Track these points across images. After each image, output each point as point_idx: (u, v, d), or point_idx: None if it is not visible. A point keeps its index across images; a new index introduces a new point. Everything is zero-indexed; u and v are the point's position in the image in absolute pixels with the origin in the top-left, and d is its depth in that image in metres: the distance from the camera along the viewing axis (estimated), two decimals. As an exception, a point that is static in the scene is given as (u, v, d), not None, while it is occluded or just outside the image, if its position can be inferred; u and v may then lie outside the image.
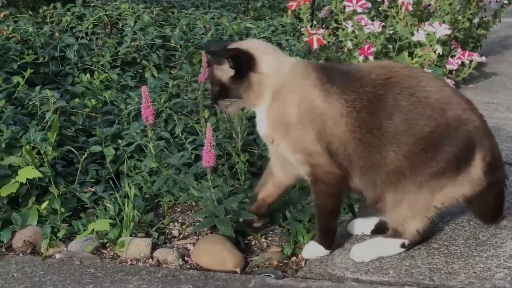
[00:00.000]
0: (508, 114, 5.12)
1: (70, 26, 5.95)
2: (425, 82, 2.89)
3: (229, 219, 3.10)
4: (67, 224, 3.31)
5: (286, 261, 3.07)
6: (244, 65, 2.88)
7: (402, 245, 2.92)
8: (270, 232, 3.31)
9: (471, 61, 5.93)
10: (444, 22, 5.87)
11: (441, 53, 5.71)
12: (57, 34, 5.65)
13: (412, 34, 5.84)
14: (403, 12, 6.11)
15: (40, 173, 3.39)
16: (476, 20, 7.02)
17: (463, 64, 5.92)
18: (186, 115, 4.28)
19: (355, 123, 2.82)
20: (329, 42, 6.16)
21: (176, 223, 3.40)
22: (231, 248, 3.04)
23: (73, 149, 3.79)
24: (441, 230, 3.11)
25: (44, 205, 3.33)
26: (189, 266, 3.02)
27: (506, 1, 7.01)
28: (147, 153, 3.61)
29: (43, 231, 3.20)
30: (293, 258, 3.09)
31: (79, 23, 6.01)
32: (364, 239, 3.03)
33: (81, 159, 3.66)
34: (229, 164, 3.77)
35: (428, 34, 5.69)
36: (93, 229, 3.17)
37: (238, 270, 2.97)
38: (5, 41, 5.11)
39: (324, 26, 6.67)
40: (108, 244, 3.19)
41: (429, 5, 6.47)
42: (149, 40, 5.61)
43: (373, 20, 5.94)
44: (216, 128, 3.95)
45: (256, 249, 3.19)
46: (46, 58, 5.05)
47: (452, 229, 3.12)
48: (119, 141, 3.94)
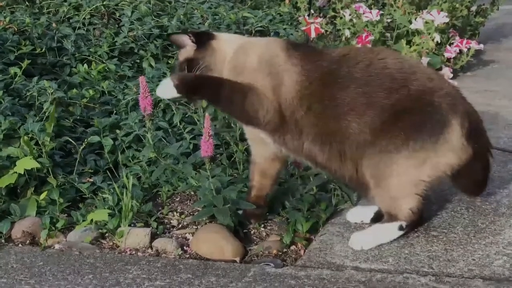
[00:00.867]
0: (506, 102, 5.12)
1: (67, 16, 5.92)
2: (383, 55, 2.93)
3: (228, 208, 3.10)
4: (66, 215, 3.32)
5: (285, 250, 3.08)
6: (204, 36, 3.06)
7: (400, 228, 2.90)
8: (269, 221, 3.31)
9: (469, 49, 5.92)
10: (442, 10, 5.87)
11: (439, 41, 5.71)
12: (54, 24, 5.62)
13: (410, 22, 5.84)
14: (401, 0, 6.10)
15: (39, 163, 3.39)
16: (474, 8, 7.01)
17: (461, 52, 5.92)
18: (184, 105, 4.28)
19: (305, 92, 2.87)
20: (326, 31, 6.15)
21: (175, 213, 3.41)
22: (230, 237, 3.04)
23: (71, 140, 3.79)
24: (440, 218, 3.11)
25: (42, 195, 3.33)
26: (188, 256, 3.03)
27: (504, -11, 7.01)
28: (146, 143, 3.60)
29: (42, 222, 3.21)
30: (292, 247, 3.09)
31: (76, 13, 5.99)
32: (363, 228, 3.03)
33: (79, 150, 3.66)
34: (227, 154, 3.77)
35: (426, 22, 5.69)
36: (92, 220, 3.17)
37: (237, 259, 2.97)
38: (2, 32, 5.08)
39: (321, 15, 6.67)
40: (107, 234, 3.19)
41: (427, -8, 6.46)
42: (146, 30, 5.59)
43: (371, 9, 5.94)
44: (214, 117, 3.94)
45: (255, 238, 3.19)
46: (44, 49, 5.04)
47: (451, 217, 3.12)
48: (117, 131, 3.94)
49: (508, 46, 7.41)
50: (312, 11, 6.80)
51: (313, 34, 5.87)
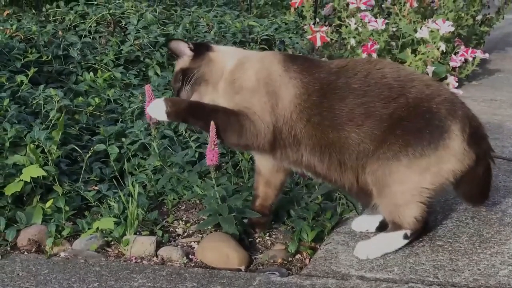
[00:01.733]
0: (511, 111, 5.12)
1: (73, 24, 5.95)
2: (382, 65, 2.95)
3: (233, 217, 3.10)
4: (71, 223, 3.32)
5: (290, 258, 3.08)
6: (202, 47, 3.08)
7: (405, 236, 2.90)
8: (274, 230, 3.31)
9: (474, 58, 5.93)
10: (447, 19, 5.87)
11: (445, 50, 5.71)
12: (60, 32, 5.65)
13: (416, 31, 5.84)
14: (406, 9, 6.10)
15: (45, 171, 3.39)
16: (479, 17, 7.01)
17: (466, 61, 5.92)
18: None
19: (305, 105, 2.88)
20: (332, 39, 6.16)
21: (180, 221, 3.41)
22: (236, 246, 3.05)
23: (77, 148, 3.80)
24: (445, 227, 3.11)
25: (48, 203, 3.34)
26: (193, 264, 3.03)
27: (509, -2, 7.01)
28: (151, 152, 3.61)
29: (47, 230, 3.21)
30: (298, 256, 3.09)
31: (82, 21, 6.01)
32: (368, 237, 3.03)
33: (85, 158, 3.67)
34: (233, 162, 3.78)
35: (432, 31, 5.69)
36: (97, 228, 3.18)
37: (243, 268, 2.98)
38: (8, 40, 5.11)
39: (327, 23, 6.67)
40: (112, 243, 3.19)
41: (433, 2, 6.47)
42: (152, 38, 5.61)
43: (376, 17, 5.94)
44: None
45: (260, 246, 3.19)
46: (50, 57, 5.06)
47: (456, 226, 3.12)
48: (123, 139, 3.95)
49: (514, 55, 7.42)
50: (317, 19, 6.80)
51: (318, 43, 5.88)
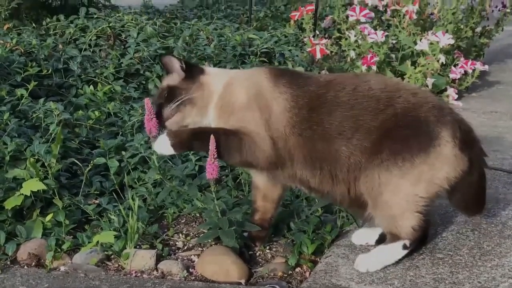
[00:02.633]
0: (511, 123, 5.12)
1: (73, 38, 5.97)
2: (368, 77, 2.96)
3: (233, 230, 3.10)
4: (71, 236, 3.32)
5: (290, 272, 3.07)
6: (195, 68, 3.04)
7: (404, 247, 2.88)
8: (274, 243, 3.31)
9: (474, 70, 5.95)
10: (447, 31, 5.89)
11: (444, 62, 5.72)
12: (60, 46, 5.68)
13: (415, 43, 5.85)
14: (406, 22, 6.12)
15: (45, 185, 3.39)
16: (478, 29, 7.03)
17: (466, 73, 5.94)
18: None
19: (296, 119, 2.87)
20: (332, 51, 6.18)
21: (180, 235, 3.41)
22: (236, 259, 3.04)
23: (77, 161, 3.80)
24: (445, 240, 3.11)
25: (48, 217, 3.34)
26: (193, 278, 3.02)
27: (508, 10, 7.03)
28: (151, 165, 3.61)
29: (47, 244, 3.21)
30: (298, 269, 3.09)
31: (83, 35, 6.04)
32: (368, 250, 3.03)
33: (85, 171, 3.67)
34: (233, 175, 3.78)
35: (431, 44, 5.71)
36: (97, 241, 3.17)
37: (243, 281, 2.97)
38: (8, 54, 5.13)
39: (326, 35, 6.70)
40: (112, 256, 3.19)
41: (432, 14, 6.49)
42: (152, 51, 5.63)
43: (376, 30, 5.95)
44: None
45: (260, 260, 3.19)
46: (50, 70, 5.08)
47: (456, 239, 3.11)
48: (123, 152, 3.95)
49: (513, 67, 7.44)
50: (317, 32, 6.82)
51: (318, 55, 5.90)
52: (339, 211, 3.37)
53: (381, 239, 3.04)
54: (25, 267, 3.13)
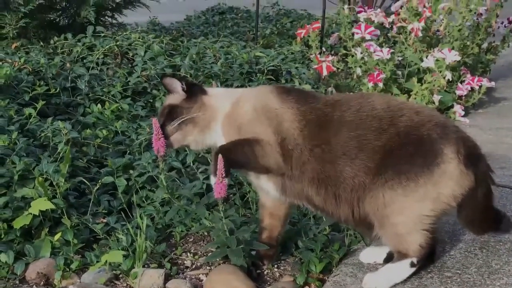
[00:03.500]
0: (518, 139, 5.12)
1: (81, 56, 5.99)
2: (373, 98, 2.95)
3: (241, 249, 3.10)
4: (80, 256, 3.33)
5: (298, 290, 3.08)
6: (196, 88, 3.06)
7: (412, 264, 2.87)
8: (282, 262, 3.32)
9: (480, 87, 5.96)
10: (453, 48, 5.91)
11: (451, 79, 5.74)
12: (68, 64, 5.70)
13: (421, 60, 5.87)
14: (412, 38, 6.14)
15: (53, 204, 3.41)
16: (485, 45, 7.04)
17: (472, 89, 5.95)
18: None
19: (305, 133, 2.89)
20: (338, 69, 6.19)
21: (188, 254, 3.41)
22: (244, 278, 3.04)
23: (85, 180, 3.81)
24: (453, 258, 3.10)
25: (57, 236, 3.35)
26: (202, 297, 3.03)
27: (514, 26, 7.04)
28: (159, 184, 3.62)
29: (56, 263, 3.22)
30: (306, 288, 3.09)
31: (90, 53, 6.06)
32: (376, 268, 3.02)
33: (93, 190, 3.68)
34: (240, 194, 3.78)
35: (437, 60, 5.72)
36: (106, 261, 3.18)
37: (251, 300, 2.97)
38: (17, 73, 5.14)
39: (333, 53, 6.72)
40: (121, 275, 3.20)
41: (438, 31, 6.50)
42: (159, 69, 5.64)
43: (381, 47, 5.97)
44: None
45: (268, 278, 3.19)
46: (58, 89, 5.10)
47: (464, 257, 3.11)
48: (131, 171, 3.96)
49: (519, 83, 7.43)
50: (323, 49, 6.84)
51: (324, 72, 5.92)
52: (346, 229, 3.38)
53: (389, 258, 3.04)
54: (34, 286, 3.14)
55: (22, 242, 3.37)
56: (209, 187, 3.72)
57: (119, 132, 4.65)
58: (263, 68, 6.15)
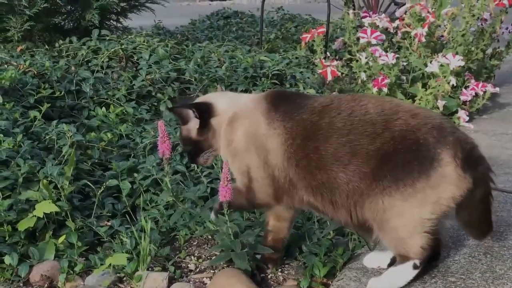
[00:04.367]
0: (523, 145, 5.12)
1: (85, 59, 6.00)
2: (366, 101, 2.91)
3: (246, 253, 3.10)
4: (84, 258, 3.33)
5: (302, 294, 3.07)
6: (205, 112, 3.13)
7: (415, 266, 2.84)
8: (286, 266, 3.31)
9: (484, 92, 5.95)
10: (457, 53, 5.91)
11: (455, 84, 5.73)
12: (73, 68, 5.71)
13: (426, 65, 5.86)
14: (416, 44, 6.14)
15: (57, 207, 3.41)
16: (489, 51, 7.04)
17: (477, 95, 5.94)
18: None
19: (291, 150, 2.91)
20: (342, 73, 6.19)
21: (192, 257, 3.41)
22: (248, 281, 3.04)
23: (89, 183, 3.81)
24: (457, 263, 3.10)
25: (61, 239, 3.36)
26: (205, 300, 3.03)
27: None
28: (163, 187, 3.62)
29: (60, 265, 3.22)
30: (310, 292, 3.09)
31: (95, 56, 6.07)
32: (380, 273, 3.02)
33: (98, 193, 3.69)
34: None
35: (442, 66, 5.72)
36: (110, 263, 3.18)
37: (255, 304, 2.97)
38: (22, 76, 5.15)
39: (337, 57, 6.72)
40: (125, 278, 3.19)
41: (442, 36, 6.50)
42: (164, 73, 5.65)
43: (386, 52, 5.97)
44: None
45: (272, 282, 3.19)
46: (62, 92, 5.10)
47: (468, 262, 3.10)
48: (135, 174, 3.97)
49: (524, 89, 7.42)
50: (328, 54, 6.85)
51: (329, 77, 5.92)
52: (351, 234, 3.37)
53: (393, 262, 3.03)
54: (38, 289, 3.14)
55: (26, 245, 3.38)
56: (213, 190, 3.73)
57: (124, 135, 4.65)
58: (268, 73, 6.15)
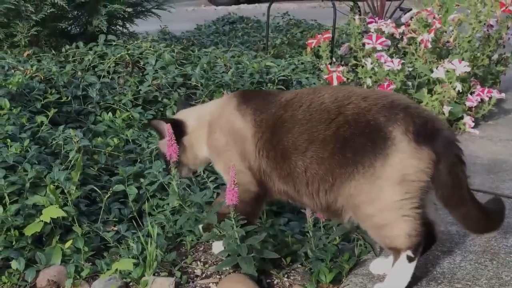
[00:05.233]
0: (529, 151, 5.11)
1: (92, 65, 6.01)
2: (323, 92, 3.03)
3: (252, 257, 3.11)
4: (90, 263, 3.34)
5: (308, 300, 3.08)
6: (178, 130, 3.34)
7: (409, 259, 2.82)
8: (292, 271, 3.32)
9: (490, 98, 5.94)
10: (463, 59, 5.90)
11: (461, 90, 5.72)
12: (79, 73, 5.71)
13: (432, 71, 5.86)
14: (422, 49, 6.14)
15: (64, 212, 3.42)
16: (495, 57, 7.03)
17: (482, 101, 5.94)
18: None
19: (261, 142, 3.07)
20: (348, 79, 6.19)
21: (198, 262, 3.42)
22: (254, 287, 3.05)
23: (96, 188, 3.82)
24: (463, 270, 3.10)
25: (67, 244, 3.36)
26: (212, 306, 3.03)
27: (525, 38, 7.01)
28: (170, 191, 3.62)
29: (67, 270, 3.23)
30: (316, 297, 3.09)
31: (101, 62, 6.07)
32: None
33: (104, 198, 3.69)
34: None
35: (448, 71, 5.71)
36: (116, 269, 3.18)
37: (261, 309, 2.98)
38: (28, 81, 5.16)
39: (343, 63, 6.72)
40: (131, 284, 3.20)
41: (448, 42, 6.50)
42: (170, 78, 5.66)
43: (392, 57, 5.96)
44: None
45: (278, 288, 3.20)
46: (69, 97, 5.11)
47: (474, 269, 3.11)
48: (142, 180, 3.97)
49: (530, 95, 7.40)
50: (334, 59, 6.85)
51: (335, 82, 5.91)
52: (356, 239, 3.38)
53: (399, 268, 3.04)
54: (45, 293, 3.15)
55: (33, 249, 3.39)
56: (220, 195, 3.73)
57: (130, 140, 4.66)
58: (274, 78, 6.16)
